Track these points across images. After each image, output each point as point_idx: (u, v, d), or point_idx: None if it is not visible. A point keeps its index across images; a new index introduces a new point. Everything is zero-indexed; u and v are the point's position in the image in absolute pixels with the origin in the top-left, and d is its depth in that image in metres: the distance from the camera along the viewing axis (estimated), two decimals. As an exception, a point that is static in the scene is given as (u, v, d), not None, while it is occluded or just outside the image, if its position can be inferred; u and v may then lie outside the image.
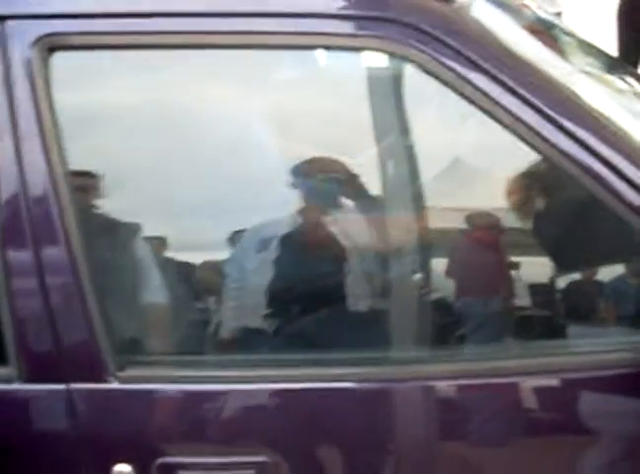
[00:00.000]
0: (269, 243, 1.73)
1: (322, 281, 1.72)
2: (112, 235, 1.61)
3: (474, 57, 1.41)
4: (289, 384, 1.47)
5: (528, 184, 1.68)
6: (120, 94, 1.61)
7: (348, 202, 1.77)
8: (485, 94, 1.41)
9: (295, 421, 1.46)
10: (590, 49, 2.21)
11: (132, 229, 1.61)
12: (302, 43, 1.46)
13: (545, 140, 1.42)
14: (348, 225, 1.75)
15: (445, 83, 1.42)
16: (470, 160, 1.75)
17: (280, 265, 1.71)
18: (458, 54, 1.41)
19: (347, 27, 1.44)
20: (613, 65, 2.24)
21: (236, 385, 1.46)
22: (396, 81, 1.62)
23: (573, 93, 1.51)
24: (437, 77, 1.42)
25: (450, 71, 1.41)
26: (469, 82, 1.41)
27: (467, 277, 1.70)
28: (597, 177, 1.42)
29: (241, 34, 1.44)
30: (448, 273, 1.70)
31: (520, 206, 1.74)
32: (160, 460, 1.42)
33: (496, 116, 1.42)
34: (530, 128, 1.42)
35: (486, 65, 1.41)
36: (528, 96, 1.42)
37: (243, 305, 1.71)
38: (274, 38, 1.45)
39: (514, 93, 1.41)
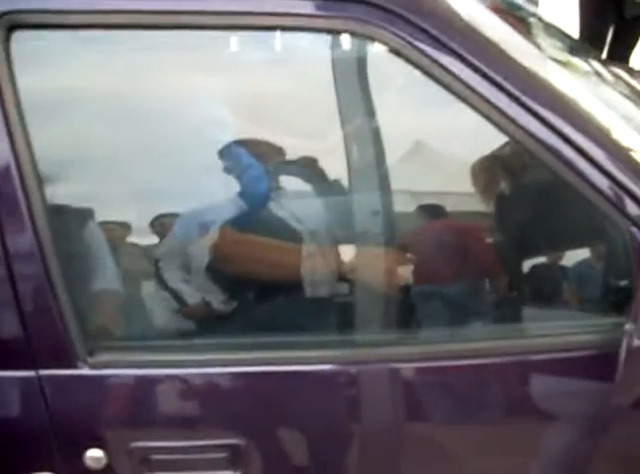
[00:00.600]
0: (210, 226, 1.71)
1: (281, 264, 1.72)
2: (78, 221, 1.58)
3: (442, 37, 1.41)
4: (256, 367, 1.47)
5: (496, 166, 1.70)
6: (85, 75, 1.59)
7: (302, 185, 1.77)
8: (453, 75, 1.41)
9: (262, 403, 1.46)
10: (555, 32, 2.22)
11: (98, 215, 1.59)
12: (267, 24, 1.44)
13: (513, 122, 1.42)
14: (303, 207, 1.75)
15: (414, 63, 1.42)
16: (437, 142, 1.76)
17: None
18: (426, 34, 1.40)
19: (313, 7, 1.42)
20: (578, 48, 2.26)
21: (204, 369, 1.46)
22: (363, 62, 1.61)
23: (541, 75, 1.51)
24: (405, 57, 1.42)
25: (418, 51, 1.40)
26: (437, 62, 1.41)
27: (431, 261, 1.71)
28: (563, 159, 1.42)
29: (207, 14, 1.41)
30: (412, 256, 1.71)
31: (487, 189, 1.76)
32: (132, 444, 1.42)
33: (464, 97, 1.42)
34: (498, 109, 1.42)
35: (454, 45, 1.41)
36: (496, 77, 1.42)
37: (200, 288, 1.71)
38: (238, 18, 1.43)
39: (482, 74, 1.41)
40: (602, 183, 1.42)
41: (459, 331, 1.60)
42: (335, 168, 1.73)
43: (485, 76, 1.41)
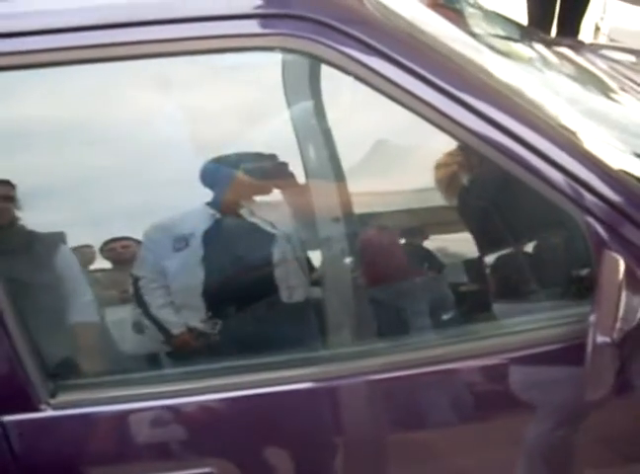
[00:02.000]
0: (188, 239, 1.71)
1: (254, 275, 1.71)
2: (30, 252, 1.56)
3: (374, 43, 1.39)
4: (227, 393, 1.45)
5: (444, 164, 1.69)
6: (30, 110, 1.59)
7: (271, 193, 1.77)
8: (389, 80, 1.40)
9: (234, 429, 1.44)
10: (497, 19, 2.22)
11: (51, 244, 1.57)
12: (202, 48, 1.42)
13: (452, 120, 1.41)
14: (271, 215, 1.74)
15: (351, 74, 1.40)
16: (385, 145, 1.76)
17: (210, 260, 1.69)
18: (361, 44, 1.39)
19: (249, 27, 1.41)
20: (521, 34, 2.26)
21: (171, 400, 1.44)
22: (302, 76, 1.61)
23: (479, 71, 1.50)
24: (342, 69, 1.40)
25: (354, 62, 1.39)
26: (372, 69, 1.39)
27: (391, 265, 1.71)
28: (509, 154, 1.41)
29: (144, 43, 1.40)
30: (374, 261, 1.71)
31: (442, 187, 1.76)
32: None
33: (401, 100, 1.41)
34: (438, 111, 1.40)
35: (388, 51, 1.40)
36: (433, 78, 1.40)
37: (173, 309, 1.69)
38: (179, 44, 1.41)
39: (418, 76, 1.40)
40: (552, 174, 1.41)
41: (430, 336, 1.61)
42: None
43: (419, 76, 1.40)
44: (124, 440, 1.43)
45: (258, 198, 1.78)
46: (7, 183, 1.59)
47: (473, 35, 1.86)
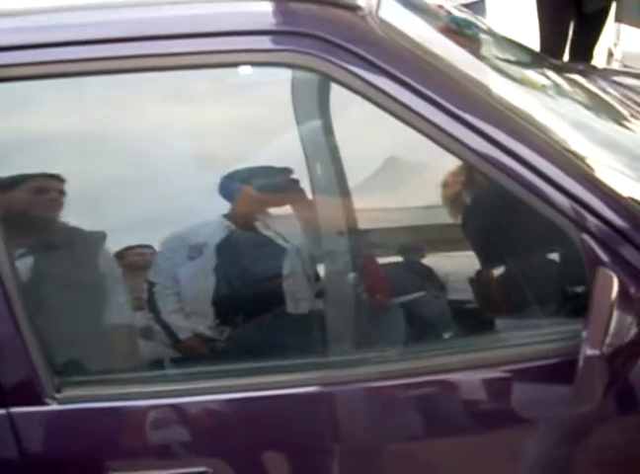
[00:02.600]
0: (201, 249, 1.76)
1: (263, 286, 1.75)
2: (42, 254, 1.62)
3: (383, 64, 1.43)
4: (227, 395, 1.49)
5: (448, 182, 1.73)
6: (43, 122, 1.64)
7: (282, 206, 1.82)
8: (395, 100, 1.43)
9: (237, 430, 1.48)
10: (509, 46, 2.26)
11: (63, 247, 1.62)
12: (213, 62, 1.47)
13: (457, 141, 1.44)
14: (283, 229, 1.79)
15: (357, 92, 1.44)
16: (392, 163, 1.80)
17: (221, 270, 1.74)
18: (367, 63, 1.43)
19: (257, 43, 1.45)
20: (533, 59, 2.29)
21: (173, 399, 1.48)
22: (311, 92, 1.66)
23: (485, 92, 1.53)
24: (348, 87, 1.44)
25: (360, 80, 1.43)
26: (380, 89, 1.43)
27: (397, 276, 1.74)
28: (508, 172, 1.44)
29: (157, 56, 1.45)
30: (380, 271, 1.75)
31: (447, 204, 1.79)
32: None
33: (409, 121, 1.45)
34: (442, 130, 1.44)
35: (395, 71, 1.44)
36: (438, 98, 1.44)
37: (183, 315, 1.74)
38: (191, 58, 1.47)
39: (423, 97, 1.44)
40: (551, 193, 1.44)
41: (430, 346, 1.62)
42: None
43: (425, 97, 1.44)
44: (126, 436, 1.48)
45: (272, 212, 1.83)
46: (58, 177, 1.65)
47: (482, 58, 1.89)
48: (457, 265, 1.78)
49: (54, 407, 1.44)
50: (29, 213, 1.66)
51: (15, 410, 1.43)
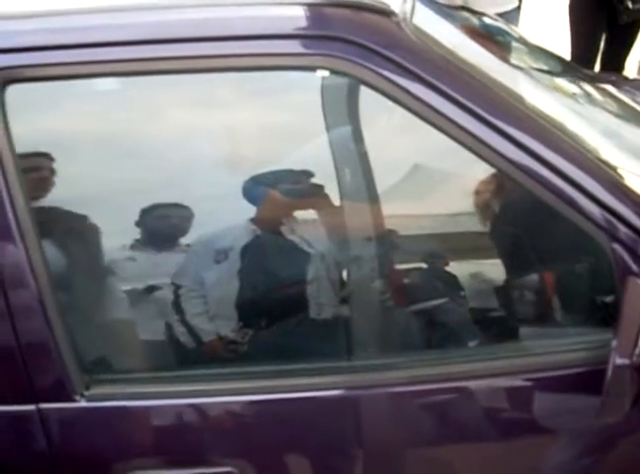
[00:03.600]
0: (227, 253, 1.77)
1: (287, 291, 1.76)
2: (73, 254, 1.63)
3: (417, 70, 1.44)
4: (254, 396, 1.49)
5: (479, 190, 1.73)
6: (76, 122, 1.66)
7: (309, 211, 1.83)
8: (429, 106, 1.43)
9: (262, 432, 1.49)
10: (541, 54, 2.25)
11: (93, 248, 1.64)
12: (246, 65, 1.47)
13: (490, 148, 1.44)
14: (308, 234, 1.80)
15: (391, 97, 1.44)
16: (422, 171, 1.80)
17: (246, 274, 1.75)
18: (401, 68, 1.43)
19: (291, 46, 1.46)
20: (565, 68, 2.29)
21: (200, 399, 1.49)
22: (341, 98, 1.67)
23: (517, 100, 1.53)
24: (382, 92, 1.45)
25: (394, 85, 1.43)
26: (413, 94, 1.43)
27: (422, 283, 1.75)
28: (541, 180, 1.44)
29: (189, 58, 1.46)
30: (406, 277, 1.75)
31: (477, 212, 1.79)
32: None
33: (440, 126, 1.45)
34: (475, 137, 1.44)
35: (429, 77, 1.44)
36: (471, 105, 1.44)
37: (207, 317, 1.75)
38: (223, 61, 1.47)
39: (457, 103, 1.44)
40: (583, 202, 1.44)
41: (455, 352, 1.62)
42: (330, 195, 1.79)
43: (459, 104, 1.44)
44: (151, 434, 1.49)
45: (299, 217, 1.83)
46: (47, 155, 1.66)
47: (515, 66, 1.89)
48: (485, 272, 1.78)
49: (83, 404, 1.45)
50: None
51: (44, 406, 1.44)
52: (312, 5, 1.53)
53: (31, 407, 1.44)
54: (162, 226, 1.79)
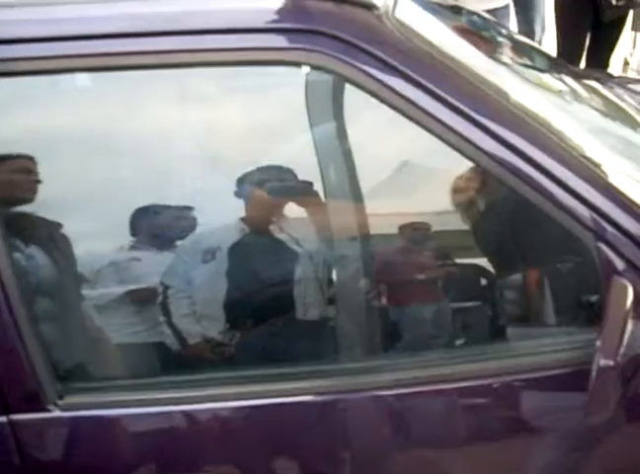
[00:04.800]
0: (215, 252, 1.74)
1: (274, 291, 1.73)
2: (44, 259, 1.60)
3: (398, 65, 1.41)
4: (232, 402, 1.46)
5: (462, 187, 1.71)
6: (56, 117, 1.62)
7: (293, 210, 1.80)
8: (410, 101, 1.41)
9: (239, 437, 1.45)
10: (526, 49, 2.23)
11: (66, 251, 1.60)
12: (224, 60, 1.44)
13: (474, 146, 1.42)
14: (297, 232, 1.77)
15: (370, 92, 1.42)
16: (406, 167, 1.78)
17: (233, 274, 1.72)
18: (381, 62, 1.40)
19: (270, 40, 1.43)
20: (551, 64, 2.27)
21: (181, 406, 1.45)
22: (319, 92, 1.64)
23: (502, 97, 1.50)
24: (361, 87, 1.42)
25: (374, 80, 1.40)
26: (393, 90, 1.41)
27: (407, 284, 1.72)
28: (525, 178, 1.42)
29: (165, 53, 1.42)
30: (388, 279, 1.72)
31: (460, 210, 1.77)
32: None
33: (420, 121, 1.42)
34: (458, 134, 1.41)
35: (410, 72, 1.41)
36: (454, 101, 1.42)
37: (194, 318, 1.72)
38: (200, 55, 1.44)
39: (439, 99, 1.41)
40: (568, 201, 1.42)
41: (439, 354, 1.60)
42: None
43: (441, 100, 1.41)
44: (129, 444, 1.45)
45: (285, 216, 1.80)
46: (28, 157, 1.63)
47: (500, 62, 1.87)
48: (469, 271, 1.75)
49: (57, 414, 1.41)
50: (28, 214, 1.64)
51: (16, 417, 1.40)
52: (292, -2, 1.50)
53: (1, 418, 1.40)
54: (145, 227, 1.76)
